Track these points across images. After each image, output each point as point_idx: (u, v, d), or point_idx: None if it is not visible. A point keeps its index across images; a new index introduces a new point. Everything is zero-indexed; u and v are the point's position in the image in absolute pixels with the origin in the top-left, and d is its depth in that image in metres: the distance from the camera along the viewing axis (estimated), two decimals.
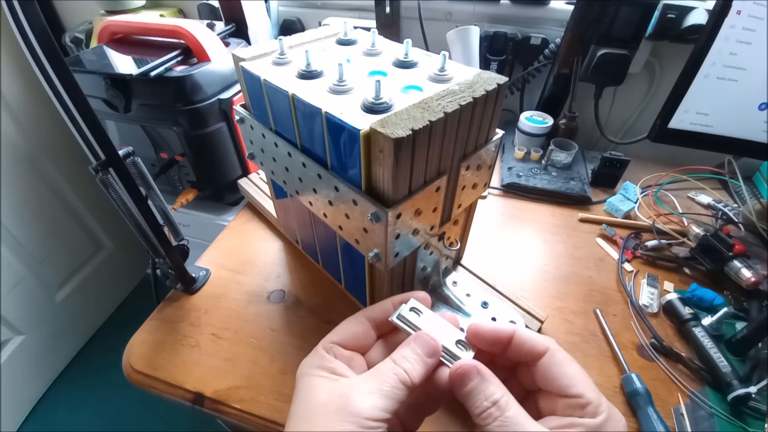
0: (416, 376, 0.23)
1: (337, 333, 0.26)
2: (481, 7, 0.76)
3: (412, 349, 0.24)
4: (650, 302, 0.50)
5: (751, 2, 0.46)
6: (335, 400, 0.21)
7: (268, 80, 0.34)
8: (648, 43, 0.68)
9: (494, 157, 0.39)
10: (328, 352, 0.25)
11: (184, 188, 0.81)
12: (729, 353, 0.44)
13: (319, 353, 0.25)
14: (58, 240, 1.16)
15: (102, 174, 0.36)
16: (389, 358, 0.24)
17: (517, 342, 0.25)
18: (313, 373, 0.23)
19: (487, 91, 0.31)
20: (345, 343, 0.25)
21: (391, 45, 0.41)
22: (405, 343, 0.24)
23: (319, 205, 0.37)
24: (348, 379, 0.23)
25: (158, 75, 0.62)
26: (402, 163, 0.28)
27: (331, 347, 0.25)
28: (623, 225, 0.61)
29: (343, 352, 0.25)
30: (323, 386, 0.22)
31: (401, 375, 0.22)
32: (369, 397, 0.21)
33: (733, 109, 0.54)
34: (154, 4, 0.95)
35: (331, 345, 0.25)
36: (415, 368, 0.23)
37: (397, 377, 0.22)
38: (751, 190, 0.66)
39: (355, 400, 0.21)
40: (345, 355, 0.25)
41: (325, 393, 0.22)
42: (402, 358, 0.23)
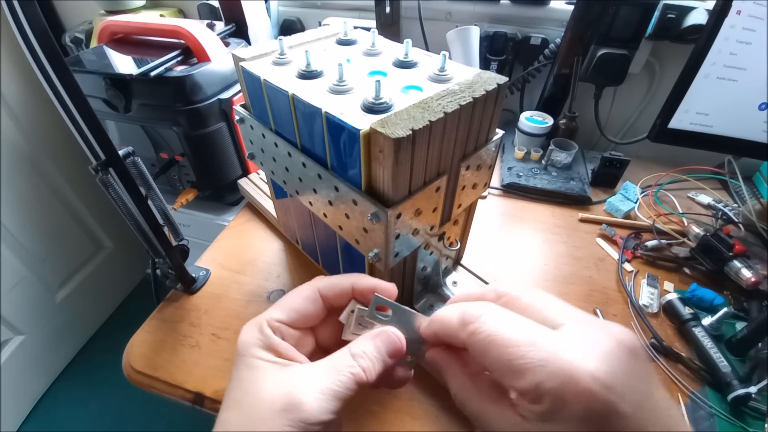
0: (374, 375, 0.21)
1: (286, 310, 0.23)
2: (481, 7, 0.76)
3: (375, 345, 0.22)
4: (650, 302, 0.50)
5: (751, 2, 0.46)
6: (282, 398, 0.19)
7: (268, 80, 0.34)
8: (648, 43, 0.68)
9: (494, 157, 0.39)
10: (275, 332, 0.22)
11: (184, 188, 0.81)
12: (729, 353, 0.44)
13: (265, 332, 0.22)
14: (58, 240, 1.16)
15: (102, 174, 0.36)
16: (347, 350, 0.21)
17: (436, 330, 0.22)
18: (257, 355, 0.21)
19: (487, 91, 0.31)
20: (294, 323, 0.23)
21: (391, 45, 0.41)
22: (368, 337, 0.22)
23: (319, 205, 0.37)
24: (297, 370, 0.21)
25: (158, 75, 0.62)
26: (402, 163, 0.28)
27: (279, 327, 0.22)
28: (623, 225, 0.61)
29: (291, 332, 0.23)
30: (270, 375, 0.20)
31: (358, 375, 0.20)
32: (319, 399, 0.19)
33: (733, 109, 0.54)
34: (154, 4, 0.95)
35: (278, 325, 0.22)
36: (374, 368, 0.21)
37: (353, 377, 0.20)
38: (751, 190, 0.66)
39: (304, 401, 0.19)
40: (293, 335, 0.23)
41: (271, 386, 0.20)
42: (362, 355, 0.21)
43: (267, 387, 0.20)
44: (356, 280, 0.24)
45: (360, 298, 0.25)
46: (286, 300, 0.23)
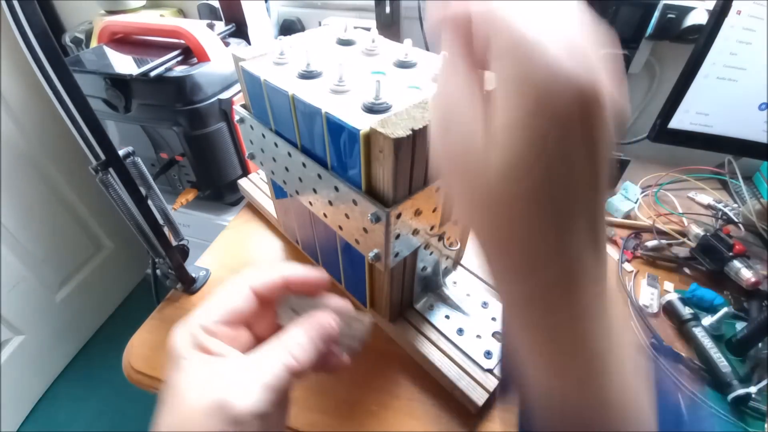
0: (307, 363, 0.20)
1: (218, 311, 0.22)
2: None
3: (306, 333, 0.21)
4: (650, 302, 0.49)
5: (751, 2, 0.46)
6: (212, 397, 0.18)
7: (268, 80, 0.34)
8: (648, 43, 0.68)
9: None
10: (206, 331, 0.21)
11: (184, 188, 0.81)
12: (729, 353, 0.44)
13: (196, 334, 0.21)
14: (58, 240, 1.16)
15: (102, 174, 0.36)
16: (278, 340, 0.21)
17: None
18: (188, 356, 0.20)
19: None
20: (227, 321, 0.22)
21: (391, 45, 0.41)
22: (299, 324, 0.22)
23: (319, 205, 0.37)
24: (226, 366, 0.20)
25: (158, 75, 0.62)
26: (402, 163, 0.28)
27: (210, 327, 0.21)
28: (623, 225, 0.61)
29: (224, 330, 0.22)
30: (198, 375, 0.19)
31: (290, 364, 0.20)
32: (251, 394, 0.18)
33: (733, 109, 0.53)
34: (154, 4, 0.95)
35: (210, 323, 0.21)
36: (307, 356, 0.20)
37: (285, 367, 0.20)
38: (751, 190, 0.66)
39: (234, 398, 0.18)
40: (227, 333, 0.22)
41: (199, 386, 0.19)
42: (294, 344, 0.21)
43: (195, 388, 0.19)
44: (286, 273, 0.24)
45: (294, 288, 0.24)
46: (216, 299, 0.23)
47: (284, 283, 0.24)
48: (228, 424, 0.18)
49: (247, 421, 0.18)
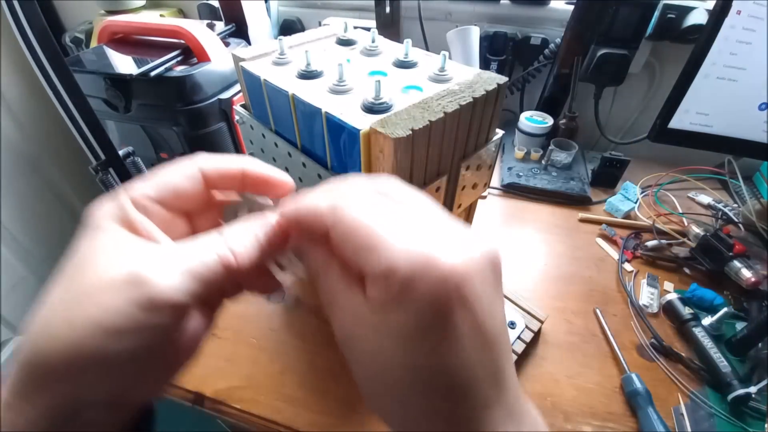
0: (246, 261, 0.17)
1: (158, 185, 0.18)
2: (481, 7, 0.76)
3: (250, 229, 0.18)
4: (650, 302, 0.49)
5: (751, 2, 0.46)
6: (125, 270, 0.15)
7: (268, 80, 0.34)
8: (648, 43, 0.68)
9: (494, 157, 0.39)
10: (137, 207, 0.18)
11: None
12: (729, 353, 0.44)
13: (123, 205, 0.17)
14: (58, 240, 1.15)
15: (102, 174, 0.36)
16: (216, 230, 0.18)
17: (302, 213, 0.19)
18: (108, 228, 0.16)
19: (487, 91, 0.31)
20: (164, 200, 0.18)
21: (391, 45, 0.41)
22: (244, 220, 0.19)
23: None
24: (152, 246, 0.16)
25: (158, 75, 0.62)
26: (402, 163, 0.28)
27: (143, 203, 0.18)
28: (623, 225, 0.61)
29: (160, 211, 0.18)
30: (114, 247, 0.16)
31: (225, 257, 0.17)
32: (174, 277, 0.15)
33: (733, 108, 0.54)
34: (154, 4, 0.95)
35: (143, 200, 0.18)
36: (247, 253, 0.17)
37: (219, 258, 0.17)
38: (751, 190, 0.66)
39: (153, 276, 0.15)
40: (162, 216, 0.18)
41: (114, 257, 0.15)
42: (233, 235, 0.18)
43: (110, 258, 0.15)
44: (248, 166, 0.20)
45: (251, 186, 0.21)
46: (160, 173, 0.19)
47: (241, 175, 0.20)
48: (140, 304, 0.14)
49: (162, 308, 0.15)
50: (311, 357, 0.44)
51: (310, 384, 0.41)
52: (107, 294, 0.14)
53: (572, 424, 0.39)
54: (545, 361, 0.44)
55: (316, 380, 0.42)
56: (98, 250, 0.16)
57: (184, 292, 0.15)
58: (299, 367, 0.43)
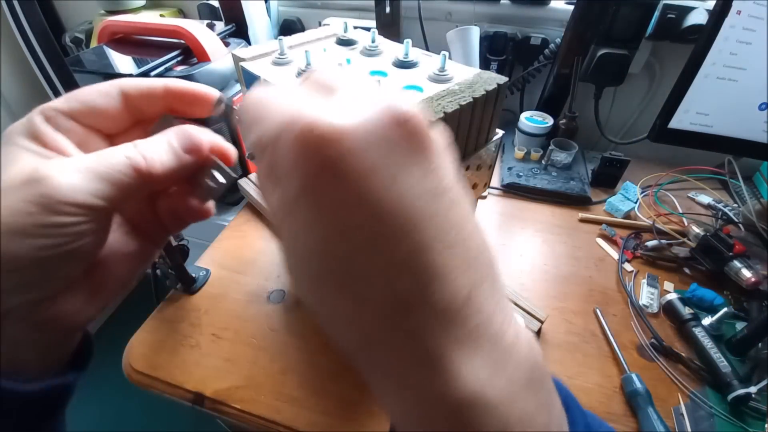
0: (158, 166, 0.17)
1: (70, 100, 0.18)
2: (481, 7, 0.76)
3: (165, 136, 0.18)
4: (650, 302, 0.49)
5: (751, 2, 0.46)
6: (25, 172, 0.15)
7: (268, 80, 0.34)
8: (648, 43, 0.68)
9: (494, 157, 0.39)
10: (48, 120, 0.17)
11: None
12: (729, 353, 0.44)
13: (34, 119, 0.17)
14: None
15: None
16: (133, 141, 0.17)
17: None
18: (16, 143, 0.16)
19: (487, 91, 0.31)
20: (78, 115, 0.18)
21: (391, 45, 0.41)
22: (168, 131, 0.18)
23: None
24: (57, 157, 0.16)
25: (158, 75, 0.62)
26: None
27: (55, 116, 0.17)
28: (623, 225, 0.61)
29: (72, 126, 0.18)
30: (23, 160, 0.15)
31: (135, 159, 0.16)
32: (74, 175, 0.15)
33: (733, 109, 0.54)
34: (154, 4, 0.95)
35: (55, 112, 0.17)
36: (160, 157, 0.17)
37: (128, 160, 0.16)
38: (751, 190, 0.66)
39: (52, 175, 0.14)
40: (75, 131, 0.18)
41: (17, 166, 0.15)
42: (146, 143, 0.17)
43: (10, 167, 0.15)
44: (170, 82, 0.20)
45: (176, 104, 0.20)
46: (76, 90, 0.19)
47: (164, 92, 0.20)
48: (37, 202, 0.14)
49: (63, 207, 0.14)
50: (311, 357, 0.44)
51: (310, 384, 0.41)
52: (8, 196, 0.14)
53: None
54: (545, 361, 0.44)
55: (316, 380, 0.42)
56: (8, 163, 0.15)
57: (89, 192, 0.15)
58: (299, 367, 0.43)
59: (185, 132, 0.18)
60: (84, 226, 0.15)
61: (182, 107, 0.20)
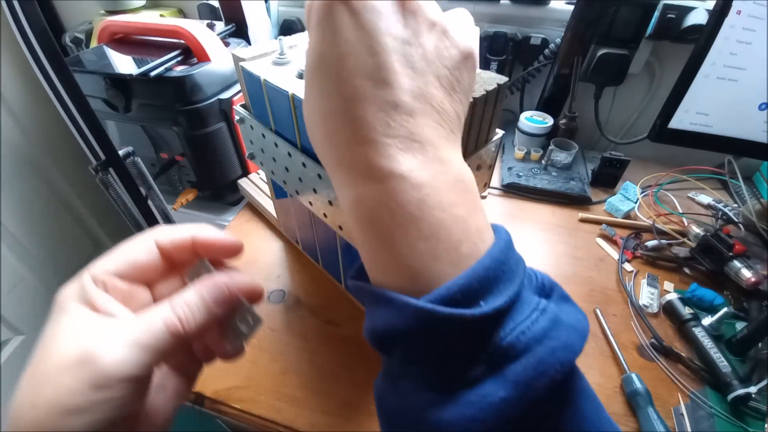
0: (193, 326, 0.18)
1: (114, 259, 0.20)
2: (481, 7, 0.76)
3: (197, 292, 0.19)
4: (650, 302, 0.49)
5: (751, 2, 0.46)
6: (76, 351, 0.16)
7: (268, 80, 0.34)
8: (648, 43, 0.68)
9: (494, 157, 0.39)
10: (97, 283, 0.19)
11: (184, 188, 0.81)
12: (729, 353, 0.44)
13: (84, 282, 0.19)
14: (58, 240, 1.15)
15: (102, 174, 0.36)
16: (167, 300, 0.19)
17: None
18: (69, 309, 0.18)
19: (487, 91, 0.31)
20: (124, 273, 0.20)
21: None
22: (193, 285, 0.20)
23: (319, 205, 0.37)
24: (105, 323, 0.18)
25: (158, 75, 0.62)
26: None
27: (103, 279, 0.19)
28: (623, 225, 0.61)
29: (119, 285, 0.20)
30: (71, 329, 0.17)
31: (172, 324, 0.18)
32: (121, 350, 0.16)
33: (733, 109, 0.53)
34: (154, 4, 0.95)
35: (104, 275, 0.19)
36: (194, 317, 0.19)
37: (165, 327, 0.18)
38: (751, 190, 0.66)
39: (101, 353, 0.16)
40: (121, 288, 0.20)
41: (68, 339, 0.17)
42: (181, 304, 0.19)
43: (66, 342, 0.17)
44: (197, 233, 0.22)
45: (203, 252, 0.22)
46: (118, 249, 0.20)
47: (191, 242, 0.21)
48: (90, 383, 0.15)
49: (112, 383, 0.16)
50: (311, 357, 0.44)
51: (310, 384, 0.41)
52: (62, 375, 0.16)
53: None
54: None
55: (316, 380, 0.42)
56: (59, 332, 0.17)
57: (134, 363, 0.16)
58: (299, 367, 0.43)
59: (217, 285, 0.20)
60: (131, 394, 0.17)
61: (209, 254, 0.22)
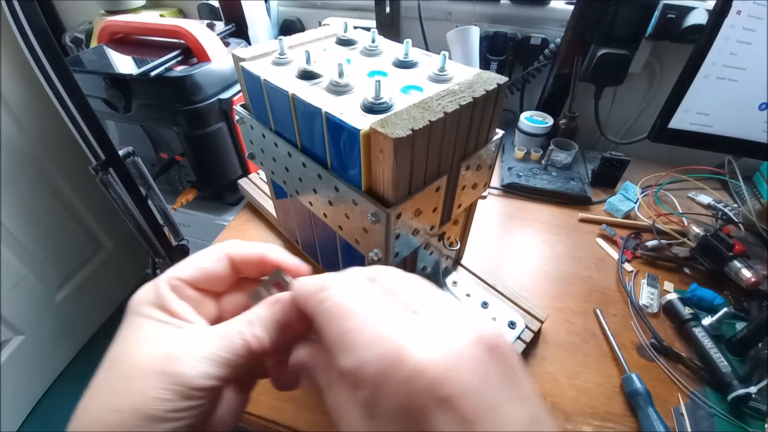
0: (267, 344, 0.19)
1: (188, 269, 0.21)
2: (481, 7, 0.76)
3: (272, 312, 0.19)
4: (650, 302, 0.49)
5: (751, 2, 0.46)
6: (161, 359, 0.17)
7: (268, 80, 0.34)
8: (648, 43, 0.68)
9: (494, 157, 0.39)
10: (173, 289, 0.20)
11: (184, 188, 0.81)
12: (729, 353, 0.44)
13: (161, 289, 0.19)
14: (58, 240, 1.15)
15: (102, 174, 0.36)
16: (244, 315, 0.20)
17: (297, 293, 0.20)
18: (146, 313, 0.18)
19: (487, 91, 0.31)
20: (196, 282, 0.20)
21: (391, 45, 0.41)
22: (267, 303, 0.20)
23: (319, 205, 0.37)
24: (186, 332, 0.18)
25: (158, 75, 0.62)
26: (402, 163, 0.28)
27: (178, 285, 0.20)
28: (623, 225, 0.61)
29: (192, 293, 0.20)
30: (154, 335, 0.18)
31: (251, 341, 0.18)
32: (202, 363, 0.17)
33: (733, 109, 0.53)
34: (154, 4, 0.95)
35: (178, 282, 0.20)
36: (269, 336, 0.19)
37: (243, 343, 0.18)
38: (751, 190, 0.66)
39: (184, 364, 0.17)
40: (193, 297, 0.20)
41: (152, 346, 0.17)
42: (257, 320, 0.19)
43: (147, 347, 0.17)
44: (268, 252, 0.22)
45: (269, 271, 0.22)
46: (192, 257, 0.21)
47: (261, 260, 0.22)
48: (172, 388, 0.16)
49: (193, 390, 0.16)
50: None
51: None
52: (147, 381, 0.16)
53: (572, 424, 0.39)
54: (545, 361, 0.44)
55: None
56: (139, 336, 0.18)
57: (212, 377, 0.17)
58: None
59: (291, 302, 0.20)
60: (207, 405, 0.17)
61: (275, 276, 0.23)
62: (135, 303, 0.19)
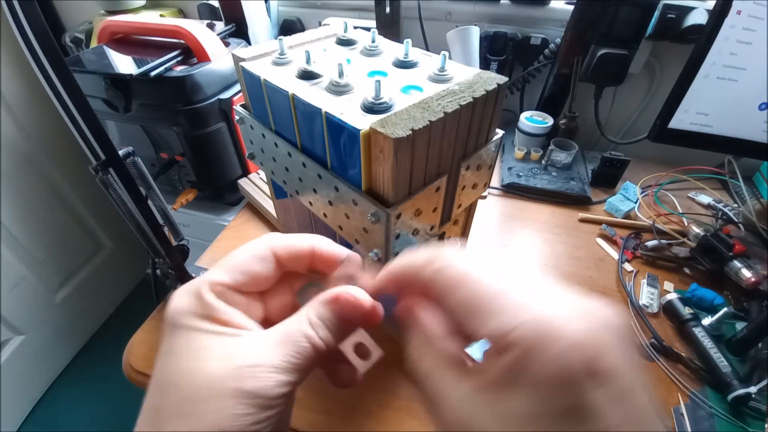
0: (332, 343, 0.18)
1: (233, 273, 0.19)
2: (481, 7, 0.76)
3: (333, 311, 0.19)
4: (650, 302, 0.49)
5: (751, 2, 0.46)
6: (232, 376, 0.16)
7: (268, 80, 0.34)
8: (648, 43, 0.68)
9: (494, 157, 0.39)
10: (219, 296, 0.18)
11: (184, 188, 0.81)
12: (729, 353, 0.44)
13: (205, 298, 0.18)
14: (58, 240, 1.15)
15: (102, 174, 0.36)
16: (305, 316, 0.18)
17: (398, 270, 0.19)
18: (196, 326, 0.17)
19: (487, 91, 0.31)
20: (243, 287, 0.19)
21: (391, 45, 0.41)
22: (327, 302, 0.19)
23: (319, 205, 0.37)
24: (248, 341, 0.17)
25: (158, 75, 0.62)
26: (402, 163, 0.28)
27: (224, 291, 0.18)
28: (623, 225, 0.61)
29: (239, 298, 0.19)
30: (215, 349, 0.17)
31: (317, 344, 0.18)
32: (276, 373, 0.16)
33: (733, 109, 0.53)
34: (154, 4, 0.95)
35: (223, 288, 0.18)
36: (332, 336, 0.18)
37: (311, 347, 0.18)
38: (751, 190, 0.66)
39: (259, 378, 0.16)
40: (241, 302, 0.19)
41: (217, 362, 0.16)
42: (319, 324, 0.18)
43: (211, 364, 0.16)
44: (316, 243, 0.20)
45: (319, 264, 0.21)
46: (233, 259, 0.19)
47: (310, 254, 0.20)
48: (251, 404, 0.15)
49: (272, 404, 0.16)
50: None
51: (310, 384, 0.41)
52: (222, 401, 0.15)
53: None
54: None
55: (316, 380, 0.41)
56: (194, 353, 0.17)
57: (288, 384, 0.17)
58: None
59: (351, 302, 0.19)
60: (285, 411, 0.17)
61: (326, 268, 0.21)
62: (176, 315, 0.18)
